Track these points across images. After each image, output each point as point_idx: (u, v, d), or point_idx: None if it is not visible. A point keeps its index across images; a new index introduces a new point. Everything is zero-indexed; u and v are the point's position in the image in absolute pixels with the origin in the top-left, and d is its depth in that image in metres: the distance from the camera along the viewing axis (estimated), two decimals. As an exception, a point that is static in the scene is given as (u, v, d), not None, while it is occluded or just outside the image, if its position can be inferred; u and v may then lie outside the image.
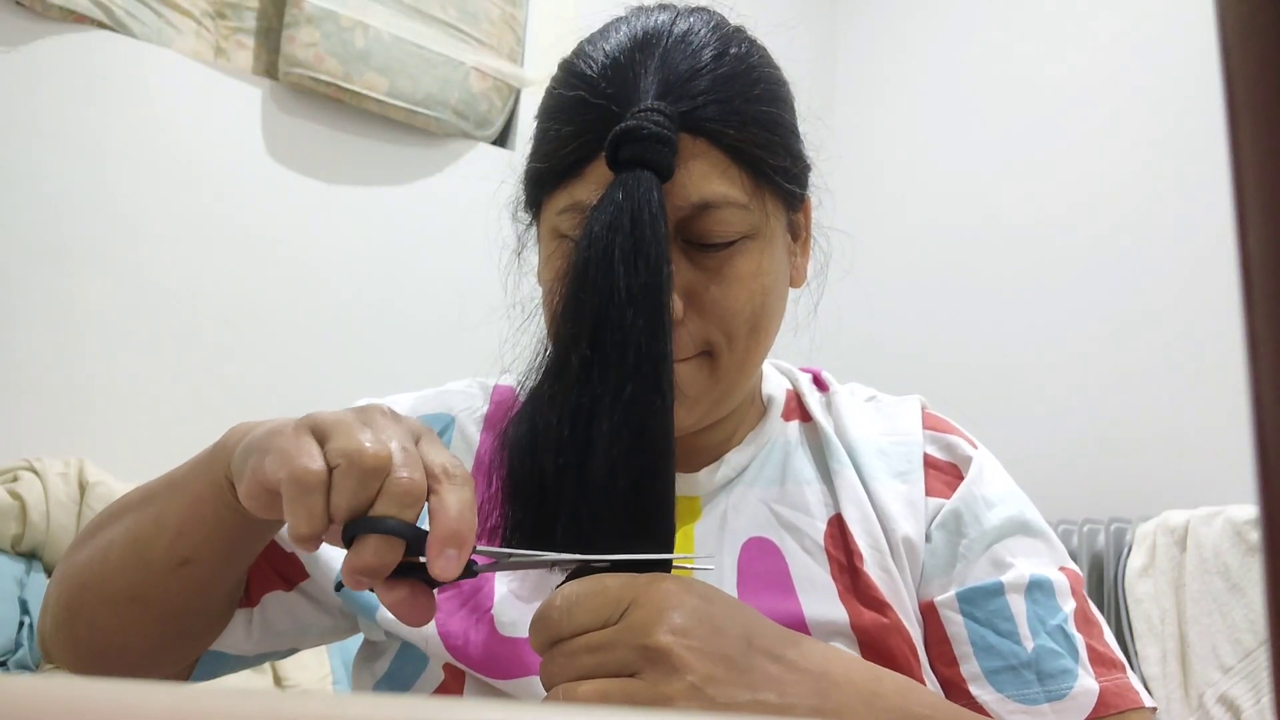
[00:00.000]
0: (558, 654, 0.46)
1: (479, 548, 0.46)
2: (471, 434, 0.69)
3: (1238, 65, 0.16)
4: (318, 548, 0.44)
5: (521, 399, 0.56)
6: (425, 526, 0.44)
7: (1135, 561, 1.76)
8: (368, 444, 0.43)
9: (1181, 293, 1.93)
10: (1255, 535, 1.61)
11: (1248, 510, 1.67)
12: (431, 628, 0.59)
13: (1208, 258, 1.86)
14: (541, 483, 0.52)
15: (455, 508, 0.43)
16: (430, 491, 0.44)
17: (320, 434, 0.44)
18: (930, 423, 0.70)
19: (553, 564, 0.49)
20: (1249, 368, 0.16)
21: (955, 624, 0.60)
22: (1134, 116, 2.09)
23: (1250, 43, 0.16)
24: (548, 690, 0.47)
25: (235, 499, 0.51)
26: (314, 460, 0.43)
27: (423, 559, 0.43)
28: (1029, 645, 0.58)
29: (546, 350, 0.55)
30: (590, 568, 0.48)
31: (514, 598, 0.60)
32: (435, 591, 0.46)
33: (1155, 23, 2.08)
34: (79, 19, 1.71)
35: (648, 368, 0.50)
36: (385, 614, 0.61)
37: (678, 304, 0.56)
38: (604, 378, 0.50)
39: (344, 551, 0.63)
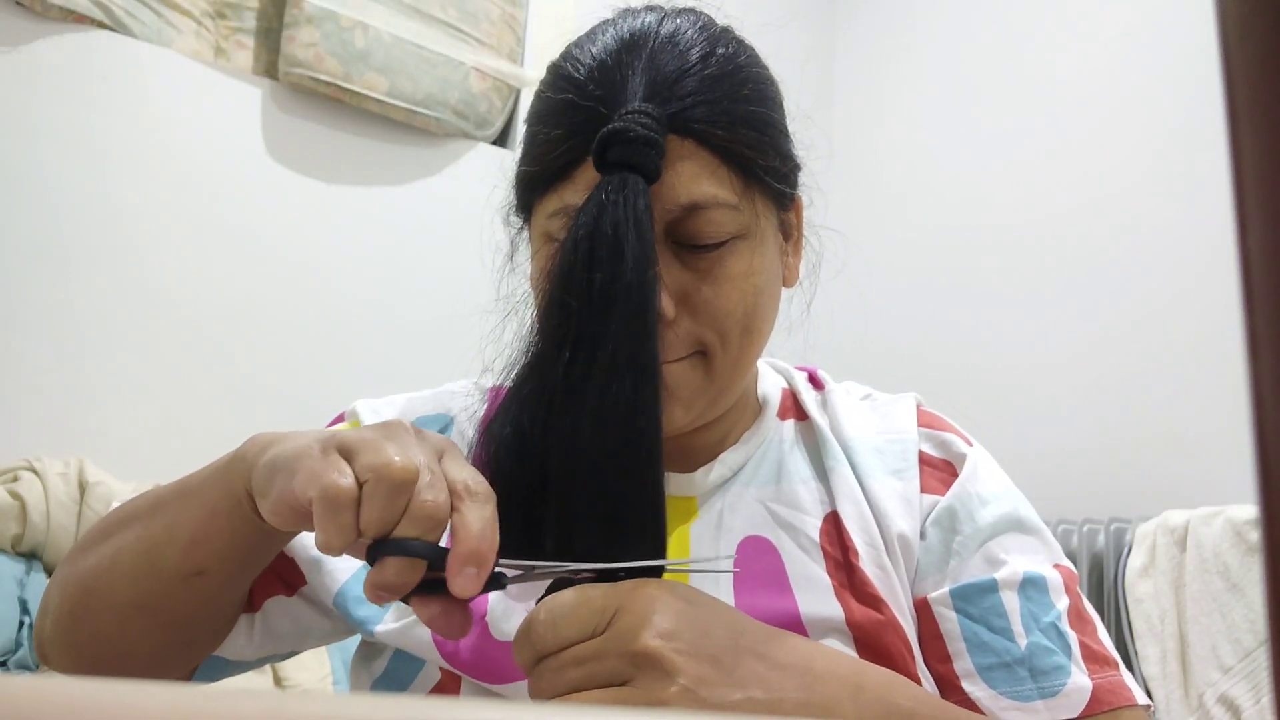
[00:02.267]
0: (546, 670, 0.46)
1: (502, 561, 0.46)
2: (471, 436, 0.69)
3: (1238, 65, 0.16)
4: (342, 554, 0.45)
5: (504, 399, 0.55)
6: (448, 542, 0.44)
7: (1135, 561, 1.76)
8: (395, 459, 0.43)
9: (1181, 293, 1.93)
10: (1255, 535, 1.61)
11: (1248, 510, 1.67)
12: (425, 634, 0.59)
13: (1207, 258, 1.86)
14: (527, 484, 0.51)
15: (476, 526, 0.43)
16: (452, 509, 0.44)
17: (347, 451, 0.45)
18: (925, 420, 0.70)
19: (579, 573, 0.48)
20: (1249, 368, 0.16)
21: (949, 621, 0.60)
22: (1133, 115, 2.09)
23: (1250, 43, 0.16)
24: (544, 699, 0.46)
25: (253, 512, 0.50)
26: (345, 477, 0.43)
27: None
28: (1022, 642, 0.58)
29: (530, 351, 0.54)
30: (571, 579, 0.48)
31: (506, 600, 0.60)
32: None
33: (1155, 22, 2.08)
34: (79, 19, 1.71)
35: (635, 369, 0.50)
36: (382, 627, 0.61)
37: (669, 305, 0.56)
38: (590, 380, 0.50)
39: (345, 558, 0.63)
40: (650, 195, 0.53)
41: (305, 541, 0.65)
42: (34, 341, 1.62)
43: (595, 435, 0.49)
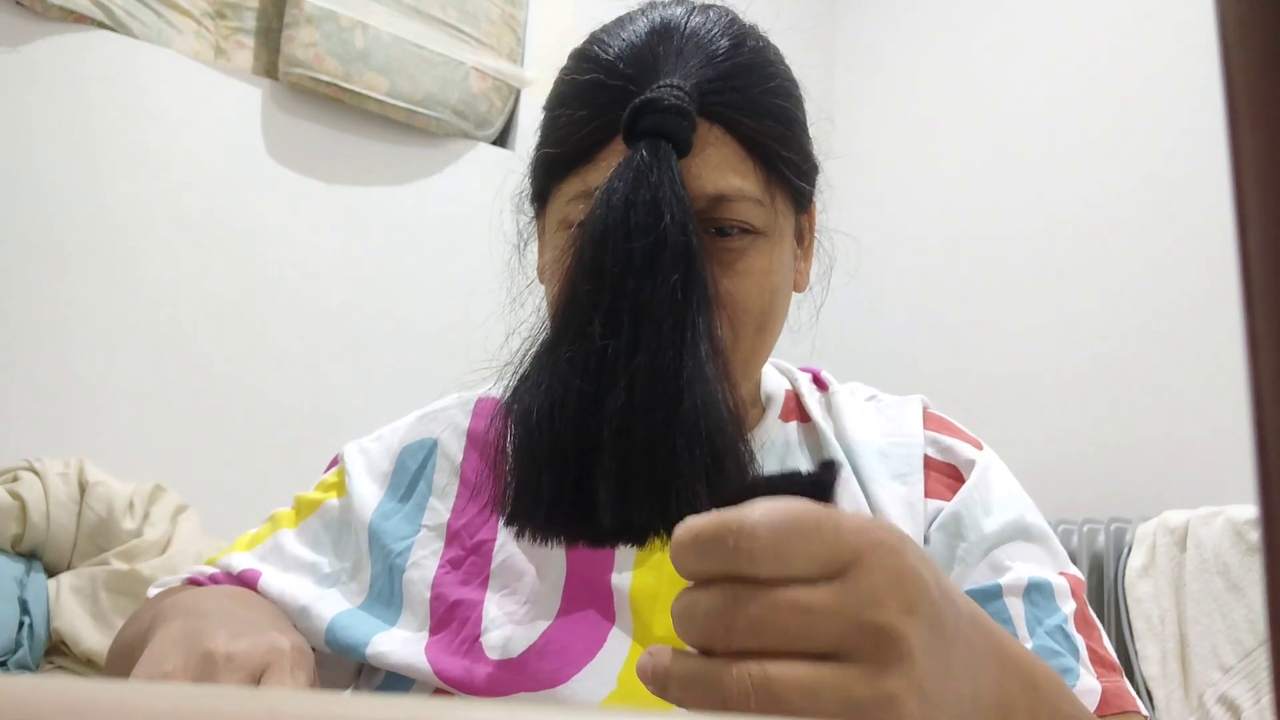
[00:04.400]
0: (752, 601, 0.33)
1: None
2: (454, 453, 0.69)
3: (1238, 65, 0.16)
4: None
5: (529, 367, 0.53)
6: None
7: (1135, 561, 1.76)
8: None
9: (1182, 293, 1.93)
10: (1255, 535, 1.61)
11: (1248, 510, 1.67)
12: (427, 667, 0.58)
13: (1208, 258, 1.86)
14: (562, 449, 0.49)
15: None
16: None
17: None
18: (932, 424, 0.69)
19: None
20: (1249, 368, 0.16)
21: None
22: (1136, 115, 2.09)
23: (1250, 43, 0.16)
24: (730, 647, 0.34)
25: None
26: None
27: None
28: (1028, 645, 0.57)
29: (559, 320, 0.52)
30: (762, 484, 0.36)
31: (508, 620, 0.59)
32: (427, 635, 0.44)
33: (1156, 22, 2.08)
34: (79, 19, 1.71)
35: (693, 333, 0.48)
36: (373, 650, 0.61)
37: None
38: (639, 347, 0.48)
39: (327, 598, 0.64)
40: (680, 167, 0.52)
41: (293, 591, 0.65)
42: (34, 341, 1.62)
43: (653, 399, 0.47)
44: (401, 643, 0.60)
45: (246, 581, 0.67)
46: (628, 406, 0.47)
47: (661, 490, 0.47)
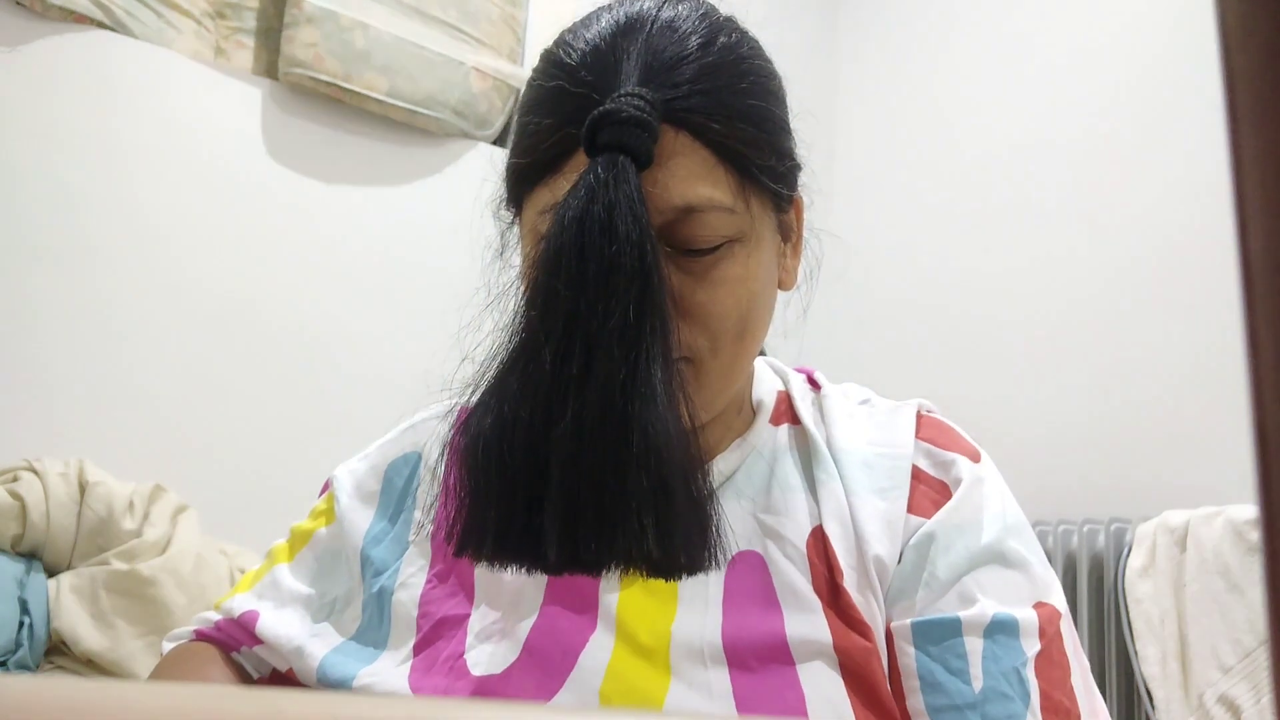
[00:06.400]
0: None
1: None
2: (435, 460, 0.68)
3: (1238, 65, 0.16)
4: None
5: (485, 391, 0.51)
6: None
7: (1135, 561, 1.76)
8: None
9: (1182, 291, 1.93)
10: (1255, 535, 1.61)
11: (1248, 510, 1.67)
12: (401, 685, 0.59)
13: (1208, 256, 1.86)
14: (511, 479, 0.47)
15: None
16: None
17: None
18: (927, 431, 0.66)
19: None
20: (1249, 368, 0.16)
21: (907, 655, 0.57)
22: (1135, 115, 2.09)
23: (1250, 43, 0.16)
24: None
25: None
26: None
27: None
28: (977, 686, 0.55)
29: (515, 342, 0.50)
30: None
31: (492, 633, 0.59)
32: (411, 655, 0.45)
33: (1156, 22, 2.08)
34: (79, 19, 1.71)
35: (647, 358, 0.47)
36: (359, 683, 0.61)
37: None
38: (592, 373, 0.46)
39: (318, 638, 0.65)
40: (642, 182, 0.50)
41: (288, 631, 0.66)
42: (33, 341, 1.62)
43: (601, 430, 0.46)
44: (386, 670, 0.61)
45: (246, 624, 0.68)
46: (575, 438, 0.46)
47: (609, 524, 0.46)
